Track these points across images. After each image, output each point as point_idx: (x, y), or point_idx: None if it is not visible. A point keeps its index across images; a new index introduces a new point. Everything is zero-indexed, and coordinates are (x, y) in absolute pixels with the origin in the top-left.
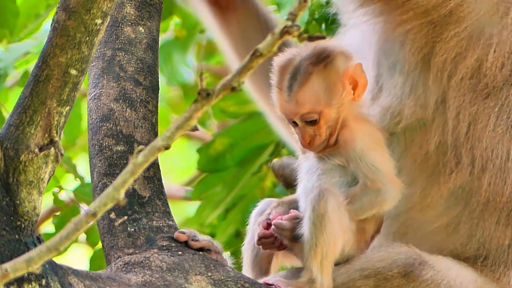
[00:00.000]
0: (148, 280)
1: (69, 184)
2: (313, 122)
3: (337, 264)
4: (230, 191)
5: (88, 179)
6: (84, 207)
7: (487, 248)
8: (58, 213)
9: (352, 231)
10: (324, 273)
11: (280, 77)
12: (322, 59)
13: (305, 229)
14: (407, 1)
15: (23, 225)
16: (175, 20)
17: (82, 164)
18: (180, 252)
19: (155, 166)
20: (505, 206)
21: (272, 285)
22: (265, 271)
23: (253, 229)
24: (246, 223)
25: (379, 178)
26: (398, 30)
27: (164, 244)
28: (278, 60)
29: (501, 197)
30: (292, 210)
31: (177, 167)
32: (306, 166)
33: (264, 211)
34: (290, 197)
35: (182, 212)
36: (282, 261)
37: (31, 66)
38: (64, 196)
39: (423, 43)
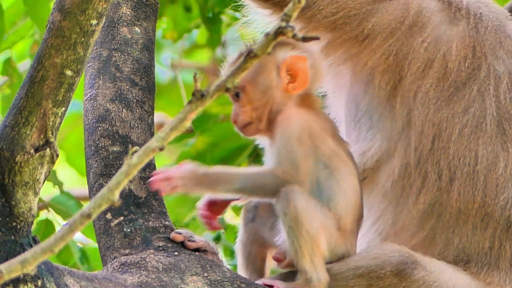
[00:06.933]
0: (144, 280)
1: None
2: (237, 96)
3: (330, 262)
4: None
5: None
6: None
7: (467, 252)
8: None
9: (332, 226)
10: (318, 269)
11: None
12: None
13: (283, 235)
14: (370, 35)
15: (18, 226)
16: (163, 19)
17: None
18: (176, 253)
19: (151, 166)
20: (478, 211)
21: (272, 286)
22: (259, 270)
23: (244, 229)
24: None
25: (284, 168)
26: (364, 69)
27: (160, 245)
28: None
29: (472, 204)
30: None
31: None
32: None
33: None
34: None
35: None
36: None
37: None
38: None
39: (391, 71)
